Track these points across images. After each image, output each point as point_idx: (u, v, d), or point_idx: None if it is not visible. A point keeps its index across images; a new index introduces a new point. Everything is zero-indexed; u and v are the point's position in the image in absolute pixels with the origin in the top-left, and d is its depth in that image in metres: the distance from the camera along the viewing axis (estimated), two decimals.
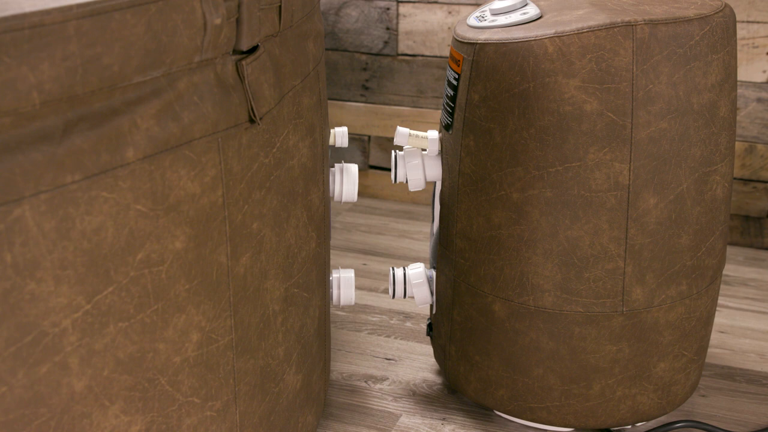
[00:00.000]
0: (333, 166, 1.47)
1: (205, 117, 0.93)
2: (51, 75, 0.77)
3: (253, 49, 1.04)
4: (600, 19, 1.24)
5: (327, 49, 2.48)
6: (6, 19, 0.73)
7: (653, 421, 1.47)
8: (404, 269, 1.53)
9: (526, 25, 1.28)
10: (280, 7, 1.09)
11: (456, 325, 1.44)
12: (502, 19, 1.32)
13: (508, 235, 1.32)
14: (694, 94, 1.27)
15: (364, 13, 2.42)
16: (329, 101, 2.53)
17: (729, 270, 2.12)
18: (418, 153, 1.45)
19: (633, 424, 1.43)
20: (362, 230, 2.31)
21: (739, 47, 2.10)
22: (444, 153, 1.43)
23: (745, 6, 2.07)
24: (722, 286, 1.98)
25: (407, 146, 1.47)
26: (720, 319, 1.84)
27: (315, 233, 1.30)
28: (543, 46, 1.24)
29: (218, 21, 0.93)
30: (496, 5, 1.36)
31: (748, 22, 2.08)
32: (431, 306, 1.55)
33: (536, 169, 1.28)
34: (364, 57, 2.46)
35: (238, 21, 0.99)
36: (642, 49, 1.23)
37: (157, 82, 0.88)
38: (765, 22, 2.08)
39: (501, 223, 1.33)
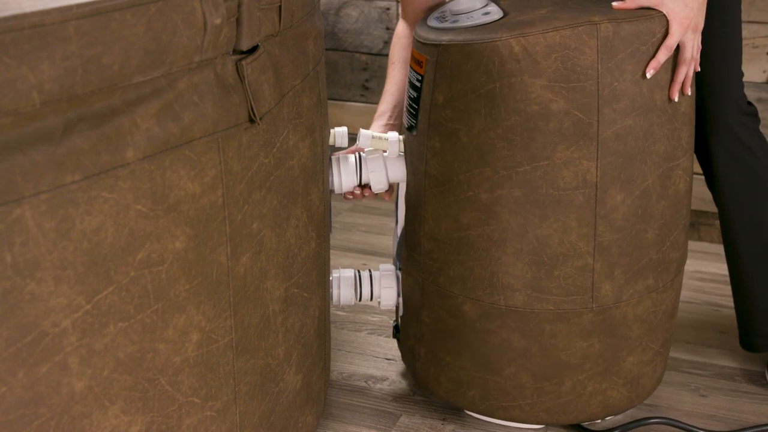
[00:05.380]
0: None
1: (205, 117, 0.93)
2: (51, 75, 0.77)
3: (253, 49, 1.04)
4: (564, 18, 1.24)
5: (327, 49, 2.48)
6: (6, 19, 0.73)
7: (623, 416, 1.47)
8: (370, 270, 1.53)
9: (490, 25, 1.28)
10: (280, 7, 1.09)
11: (425, 327, 1.44)
12: (465, 20, 1.32)
13: (477, 235, 1.33)
14: (657, 91, 1.28)
15: (364, 13, 2.42)
16: (329, 101, 2.53)
17: None
18: (380, 155, 1.45)
19: (603, 418, 1.44)
20: (362, 230, 2.31)
21: None
22: (408, 154, 1.43)
23: (745, 6, 2.07)
24: (722, 287, 1.99)
25: (369, 148, 1.47)
26: (720, 319, 1.84)
27: (315, 233, 1.30)
28: (508, 46, 1.25)
29: (218, 21, 0.93)
30: (456, 6, 1.36)
31: (748, 22, 2.08)
32: (397, 308, 1.55)
33: (504, 168, 1.29)
34: (364, 57, 2.46)
35: (238, 21, 0.99)
36: (606, 48, 1.24)
37: (157, 82, 0.88)
38: (765, 22, 2.08)
39: (470, 224, 1.33)
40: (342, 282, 1.49)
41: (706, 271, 2.07)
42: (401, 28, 1.57)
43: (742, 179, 1.49)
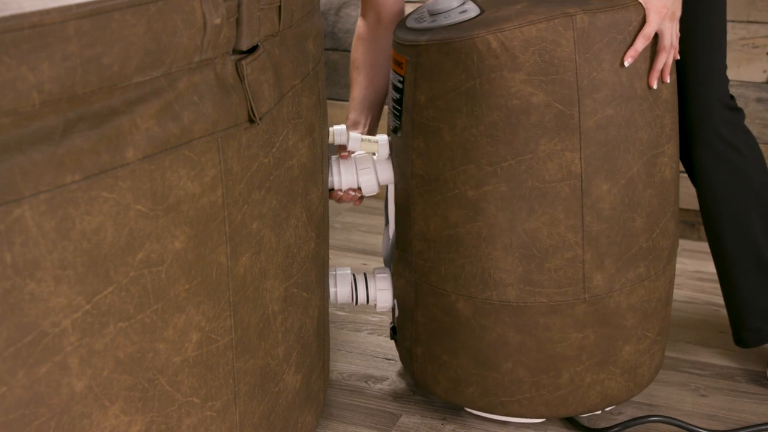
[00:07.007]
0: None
1: (204, 117, 0.93)
2: (51, 75, 0.77)
3: (253, 49, 1.04)
4: (539, 11, 1.25)
5: (327, 49, 2.48)
6: (6, 19, 0.73)
7: (624, 416, 1.47)
8: (365, 274, 1.52)
9: (467, 23, 1.29)
10: (280, 7, 1.09)
11: (420, 327, 1.44)
12: (442, 19, 1.33)
13: (466, 232, 1.33)
14: (637, 79, 1.29)
15: None
16: (329, 101, 2.53)
17: None
18: (369, 158, 1.45)
19: (602, 409, 1.44)
20: (362, 230, 2.31)
21: (739, 47, 2.10)
22: (394, 156, 1.43)
23: (745, 6, 2.07)
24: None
25: (359, 151, 1.46)
26: (720, 319, 1.84)
27: (314, 233, 1.30)
28: (486, 42, 1.25)
29: (218, 21, 0.93)
30: (434, 6, 1.36)
31: (748, 22, 2.08)
32: (393, 309, 1.55)
33: (489, 165, 1.29)
34: None
35: (237, 21, 0.99)
36: (583, 38, 1.25)
37: (157, 82, 0.88)
38: (765, 22, 2.08)
39: (458, 222, 1.33)
40: (339, 280, 1.49)
41: (706, 271, 2.07)
42: (362, 30, 1.55)
43: (726, 176, 1.49)
